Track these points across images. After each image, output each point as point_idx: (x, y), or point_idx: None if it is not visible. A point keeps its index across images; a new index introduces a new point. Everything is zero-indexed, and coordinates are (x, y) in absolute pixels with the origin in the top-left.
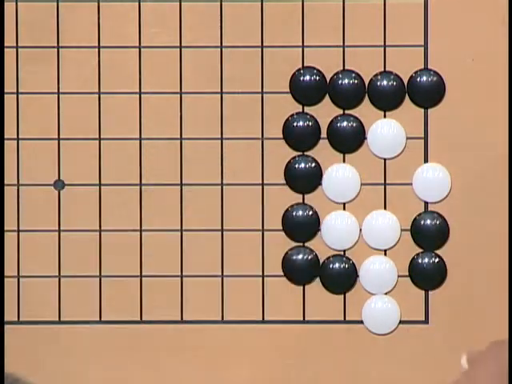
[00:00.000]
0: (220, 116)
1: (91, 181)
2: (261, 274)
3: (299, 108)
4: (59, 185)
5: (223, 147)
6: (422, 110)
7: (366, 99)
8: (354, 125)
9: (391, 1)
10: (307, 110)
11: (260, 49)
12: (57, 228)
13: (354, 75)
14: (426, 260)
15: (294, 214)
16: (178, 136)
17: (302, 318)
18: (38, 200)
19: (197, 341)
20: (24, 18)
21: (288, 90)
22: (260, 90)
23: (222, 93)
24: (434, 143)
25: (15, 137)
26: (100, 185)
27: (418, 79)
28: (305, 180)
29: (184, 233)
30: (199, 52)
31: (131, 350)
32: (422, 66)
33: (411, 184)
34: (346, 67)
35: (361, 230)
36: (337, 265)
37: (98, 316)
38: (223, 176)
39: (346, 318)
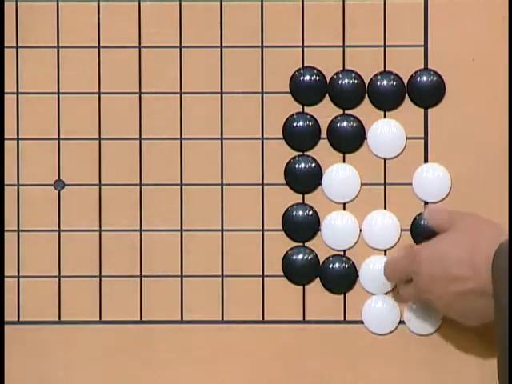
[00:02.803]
0: (220, 116)
1: (91, 181)
2: (261, 273)
3: (299, 108)
4: (59, 185)
5: (223, 147)
6: (422, 110)
7: (366, 99)
8: (354, 125)
9: (391, 1)
10: (307, 110)
11: (260, 49)
12: (57, 228)
13: (353, 75)
14: None
15: (293, 213)
16: (178, 136)
17: (302, 318)
18: (38, 200)
19: (197, 341)
20: (24, 18)
21: (288, 90)
22: (260, 90)
23: (222, 93)
24: (434, 143)
25: (15, 137)
26: (100, 185)
27: (418, 79)
28: (305, 180)
29: (184, 233)
30: (199, 52)
31: (131, 350)
32: (422, 66)
33: (411, 184)
34: (346, 67)
35: (361, 230)
36: (337, 265)
37: (98, 316)
38: (223, 176)
39: (346, 318)
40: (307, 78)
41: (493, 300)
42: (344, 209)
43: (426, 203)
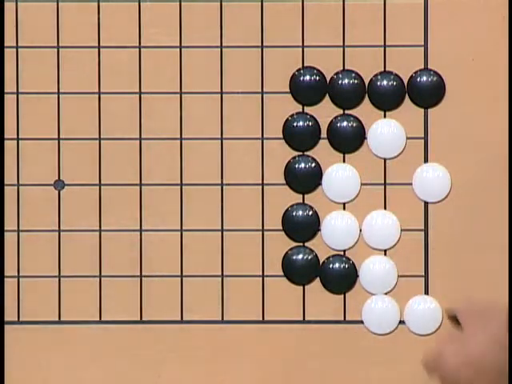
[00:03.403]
0: (220, 116)
1: (91, 181)
2: (261, 273)
3: (299, 108)
4: (59, 185)
5: (223, 147)
6: (422, 110)
7: (366, 99)
8: (354, 125)
9: (391, 1)
10: (307, 110)
11: (260, 49)
12: (57, 228)
13: (353, 75)
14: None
15: (293, 213)
16: (178, 136)
17: (301, 318)
18: (38, 200)
19: (197, 341)
20: (24, 17)
21: (288, 90)
22: (260, 90)
23: (222, 93)
24: (434, 143)
25: (15, 137)
26: (100, 185)
27: (418, 79)
28: (305, 180)
29: (184, 233)
30: (199, 52)
31: (131, 350)
32: (422, 66)
33: (411, 184)
34: (346, 67)
35: (361, 230)
36: (337, 265)
37: (98, 316)
38: (223, 176)
39: (346, 318)
40: (307, 78)
41: None
42: (344, 209)
43: (425, 203)
